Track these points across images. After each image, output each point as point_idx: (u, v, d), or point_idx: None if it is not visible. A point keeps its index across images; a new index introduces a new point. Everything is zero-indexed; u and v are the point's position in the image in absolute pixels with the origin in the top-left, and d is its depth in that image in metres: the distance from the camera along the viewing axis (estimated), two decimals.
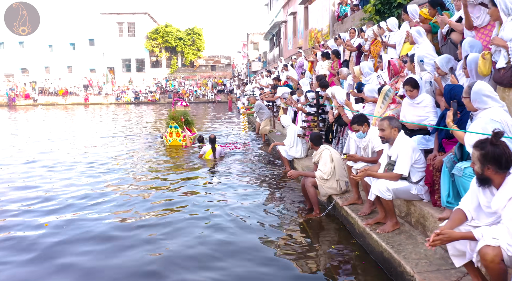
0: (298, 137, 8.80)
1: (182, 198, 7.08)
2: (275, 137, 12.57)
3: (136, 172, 9.22)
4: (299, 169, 8.33)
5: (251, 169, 9.39)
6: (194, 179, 8.45)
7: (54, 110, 37.02)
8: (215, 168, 9.53)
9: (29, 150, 12.53)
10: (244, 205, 6.54)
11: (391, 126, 4.43)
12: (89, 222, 5.85)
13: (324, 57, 10.52)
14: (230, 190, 7.50)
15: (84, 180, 8.40)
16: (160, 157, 11.24)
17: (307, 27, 22.84)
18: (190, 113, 14.85)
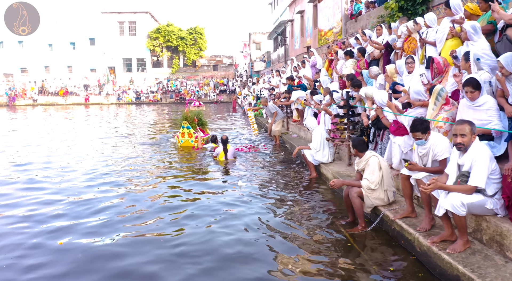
0: (326, 141, 8.26)
1: (201, 205, 6.55)
2: (291, 140, 12.02)
3: (150, 175, 8.67)
4: (328, 175, 7.78)
5: (270, 173, 8.86)
6: (211, 184, 7.89)
7: (56, 110, 36.38)
8: (230, 172, 8.98)
9: (41, 152, 11.94)
10: (271, 216, 5.99)
11: (472, 132, 3.88)
12: (107, 224, 5.33)
13: (347, 56, 9.98)
14: (252, 197, 6.94)
15: (97, 182, 7.86)
16: (174, 159, 10.71)
17: (316, 25, 22.31)
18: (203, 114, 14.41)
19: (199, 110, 14.49)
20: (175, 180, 8.32)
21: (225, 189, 7.58)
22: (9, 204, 6.80)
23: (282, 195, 7.16)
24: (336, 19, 18.50)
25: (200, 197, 7.09)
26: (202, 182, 8.17)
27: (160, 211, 6.31)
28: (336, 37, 18.46)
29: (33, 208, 6.57)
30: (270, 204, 6.62)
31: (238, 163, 9.91)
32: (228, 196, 7.15)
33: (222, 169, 9.32)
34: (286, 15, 31.14)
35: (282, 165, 9.77)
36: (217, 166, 9.69)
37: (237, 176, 8.50)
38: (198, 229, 5.55)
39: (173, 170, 9.35)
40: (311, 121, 8.44)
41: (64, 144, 13.57)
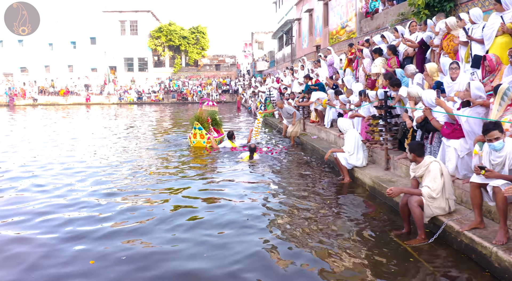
0: (360, 143, 7.83)
1: (234, 210, 6.12)
2: (313, 142, 11.57)
3: (177, 178, 8.23)
4: (365, 180, 7.34)
5: (298, 177, 8.44)
6: (242, 187, 7.45)
7: (57, 110, 35.84)
8: (258, 176, 8.53)
9: (62, 154, 11.47)
10: (312, 226, 5.55)
11: None
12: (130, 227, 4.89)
13: (376, 54, 9.54)
14: (286, 204, 6.49)
15: (120, 186, 7.40)
16: (195, 161, 10.30)
17: (326, 24, 21.88)
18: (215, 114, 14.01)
19: (212, 110, 14.19)
20: (202, 183, 7.91)
21: (257, 194, 7.14)
22: (31, 210, 6.35)
23: (318, 201, 6.72)
24: (350, 17, 18.06)
25: (231, 202, 6.66)
26: (232, 185, 7.74)
27: (194, 213, 5.88)
28: (350, 36, 18.04)
29: (62, 215, 6.12)
30: (306, 210, 6.18)
31: (263, 166, 9.48)
32: (261, 202, 6.71)
33: (249, 173, 8.87)
34: (292, 14, 30.69)
35: (307, 168, 9.35)
36: (244, 169, 9.24)
37: (264, 181, 8.07)
38: (239, 237, 5.11)
39: (195, 172, 8.91)
40: (344, 122, 8.00)
41: (79, 146, 13.11)
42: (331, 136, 11.03)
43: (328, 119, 11.73)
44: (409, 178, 6.75)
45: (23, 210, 6.45)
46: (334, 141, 10.70)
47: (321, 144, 11.00)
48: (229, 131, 12.85)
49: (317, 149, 10.64)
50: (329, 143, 11.05)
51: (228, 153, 11.30)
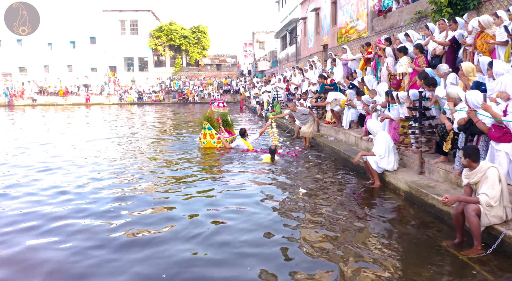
0: (391, 146, 7.51)
1: (262, 215, 5.80)
2: (331, 143, 11.24)
3: (201, 180, 7.90)
4: (399, 185, 7.03)
5: (324, 181, 8.13)
6: (269, 191, 7.12)
7: (61, 111, 35.39)
8: (282, 179, 8.20)
9: (67, 156, 11.11)
10: (360, 234, 5.24)
11: None
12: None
13: (401, 53, 9.23)
14: (319, 212, 6.16)
15: (136, 189, 7.07)
16: (213, 163, 9.99)
17: (334, 23, 21.57)
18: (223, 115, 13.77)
19: (222, 111, 14.00)
20: (225, 186, 7.57)
21: (285, 199, 6.83)
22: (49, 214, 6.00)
23: (350, 207, 6.41)
24: (360, 16, 17.76)
25: (256, 206, 6.33)
26: (257, 188, 7.40)
27: (217, 218, 5.55)
28: (361, 35, 17.74)
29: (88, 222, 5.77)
30: (340, 218, 5.85)
31: (285, 169, 9.18)
32: (289, 207, 6.38)
33: (273, 175, 8.55)
34: (296, 13, 30.37)
35: (331, 171, 9.04)
36: (268, 172, 8.92)
37: (290, 185, 7.75)
38: (264, 245, 4.79)
39: (214, 174, 8.58)
40: (374, 124, 7.67)
41: (90, 148, 12.74)
42: (351, 138, 10.71)
43: (346, 120, 11.41)
44: (448, 183, 6.47)
45: (39, 214, 6.12)
46: (355, 143, 10.38)
47: (341, 145, 10.68)
48: (241, 128, 12.66)
49: (337, 151, 10.32)
50: (349, 144, 10.73)
51: (244, 154, 11.01)
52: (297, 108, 12.93)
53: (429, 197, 6.10)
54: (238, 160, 10.26)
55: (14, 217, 6.13)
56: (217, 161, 10.48)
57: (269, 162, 9.83)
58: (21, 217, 6.10)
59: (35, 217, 6.08)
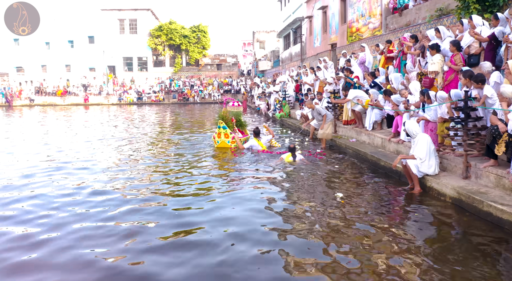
0: (431, 149, 7.04)
1: (296, 222, 5.32)
2: (354, 145, 10.75)
3: (228, 183, 7.41)
4: (445, 191, 6.55)
5: (356, 186, 7.66)
6: (303, 196, 6.63)
7: (69, 112, 34.73)
8: (313, 184, 7.71)
9: (80, 159, 10.57)
10: (417, 245, 4.76)
11: None
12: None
13: (434, 50, 8.76)
14: (362, 221, 5.69)
15: (157, 194, 6.57)
16: (232, 164, 9.50)
17: (344, 21, 21.13)
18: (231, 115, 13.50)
19: (236, 111, 13.81)
20: (251, 189, 7.08)
21: (324, 205, 6.34)
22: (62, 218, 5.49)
23: (392, 215, 5.95)
24: (374, 13, 17.32)
25: (287, 212, 5.85)
26: (285, 193, 6.92)
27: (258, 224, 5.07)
28: (374, 34, 17.29)
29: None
30: (387, 227, 5.38)
31: (310, 171, 8.71)
32: (327, 213, 5.90)
33: (299, 178, 8.06)
34: (301, 11, 29.91)
35: (360, 174, 8.57)
36: (293, 174, 8.45)
37: (322, 190, 7.26)
38: (299, 254, 4.31)
39: (236, 176, 8.08)
40: (414, 126, 7.19)
41: (102, 150, 12.21)
42: (377, 140, 10.23)
43: (370, 121, 10.93)
44: (500, 188, 6.01)
45: (54, 218, 5.60)
46: (382, 145, 9.91)
47: (366, 147, 10.19)
48: (255, 128, 12.36)
49: (363, 153, 9.83)
50: (374, 146, 10.25)
51: (263, 156, 10.58)
52: (316, 106, 12.42)
53: (484, 204, 5.63)
54: (258, 162, 9.81)
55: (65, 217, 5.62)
56: (236, 164, 9.99)
57: (290, 162, 9.51)
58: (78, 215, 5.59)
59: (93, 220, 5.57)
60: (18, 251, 4.84)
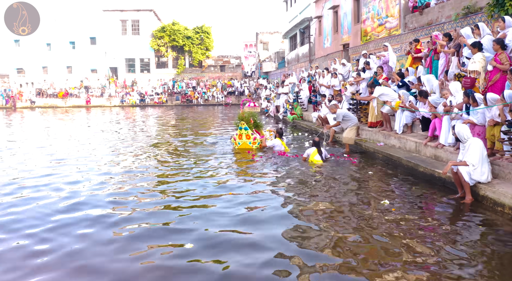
0: (484, 154, 6.50)
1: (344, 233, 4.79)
2: (386, 150, 10.19)
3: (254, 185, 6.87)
4: (503, 200, 6.00)
5: (401, 193, 7.14)
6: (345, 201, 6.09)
7: (56, 113, 34.12)
8: (354, 190, 7.16)
9: (98, 163, 10.00)
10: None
11: None
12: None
13: (475, 48, 8.22)
14: (404, 232, 5.14)
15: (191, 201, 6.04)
16: (257, 167, 8.97)
17: (357, 21, 20.61)
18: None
19: (253, 111, 13.76)
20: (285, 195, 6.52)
21: (371, 213, 5.80)
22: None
23: (452, 228, 5.39)
24: (391, 13, 16.80)
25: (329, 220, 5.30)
26: (323, 199, 6.37)
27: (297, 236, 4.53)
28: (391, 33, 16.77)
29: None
30: (447, 241, 4.84)
31: (343, 175, 8.19)
32: (376, 225, 5.35)
33: (337, 186, 7.51)
34: (309, 11, 29.40)
35: (396, 181, 8.03)
36: (325, 179, 7.90)
37: (365, 194, 6.71)
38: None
39: (265, 179, 7.53)
40: (465, 130, 6.64)
41: (123, 153, 11.65)
42: (410, 144, 9.67)
43: (400, 124, 10.38)
44: None
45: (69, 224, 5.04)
46: (416, 149, 9.35)
47: (398, 152, 9.64)
48: (279, 128, 12.39)
49: (396, 158, 9.28)
50: (406, 151, 9.69)
51: (286, 159, 10.16)
52: (338, 110, 11.92)
53: None
54: (285, 166, 9.34)
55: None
56: (264, 167, 9.44)
57: (318, 162, 9.52)
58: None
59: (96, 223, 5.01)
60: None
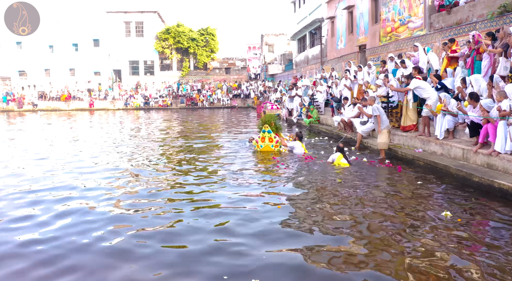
0: None
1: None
2: (427, 157, 9.42)
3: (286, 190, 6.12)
4: None
5: (453, 204, 6.33)
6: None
7: (59, 116, 33.34)
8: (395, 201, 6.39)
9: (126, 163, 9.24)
10: None
11: None
12: None
13: None
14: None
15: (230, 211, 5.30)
16: (285, 171, 8.22)
17: (375, 21, 19.88)
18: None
19: (274, 114, 13.69)
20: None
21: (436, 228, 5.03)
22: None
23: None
24: (415, 12, 16.06)
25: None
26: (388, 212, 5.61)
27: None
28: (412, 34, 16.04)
29: None
30: None
31: (396, 186, 7.40)
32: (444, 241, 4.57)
33: (385, 191, 6.73)
34: (320, 12, 28.68)
35: (448, 192, 7.25)
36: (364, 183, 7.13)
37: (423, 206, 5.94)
38: None
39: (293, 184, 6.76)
40: None
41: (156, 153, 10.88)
42: (455, 151, 8.88)
43: (442, 129, 9.61)
44: None
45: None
46: (464, 157, 8.57)
47: (443, 159, 8.86)
48: (299, 131, 12.51)
49: (442, 166, 8.48)
50: (452, 158, 8.91)
51: (312, 163, 9.55)
52: (374, 105, 10.98)
53: None
54: (315, 171, 8.66)
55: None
56: (287, 167, 8.68)
57: (343, 164, 9.45)
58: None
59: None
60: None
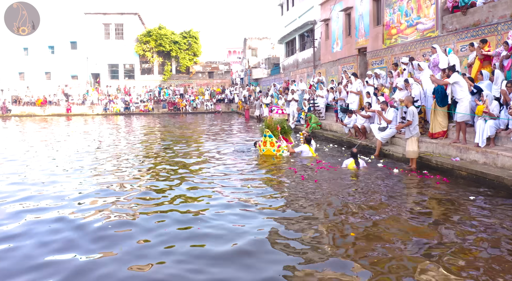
0: None
1: None
2: (471, 166, 8.66)
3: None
4: None
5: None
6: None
7: (34, 121, 31.51)
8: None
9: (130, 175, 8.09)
10: None
11: None
12: None
13: None
14: None
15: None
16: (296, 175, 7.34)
17: (377, 23, 19.26)
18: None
19: (282, 118, 13.40)
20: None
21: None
22: None
23: None
24: (425, 13, 15.46)
25: None
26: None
27: None
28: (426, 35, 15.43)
29: None
30: None
31: (449, 201, 6.59)
32: None
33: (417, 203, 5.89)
34: (312, 15, 27.99)
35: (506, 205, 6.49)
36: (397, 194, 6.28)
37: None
38: None
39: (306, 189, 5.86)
40: None
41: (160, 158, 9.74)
42: (503, 159, 8.15)
43: (482, 136, 8.87)
44: None
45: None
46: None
47: (492, 170, 8.11)
48: (308, 135, 12.62)
49: (493, 177, 7.74)
50: (498, 168, 8.17)
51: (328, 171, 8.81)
52: (412, 107, 10.07)
53: None
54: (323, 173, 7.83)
55: None
56: (301, 172, 7.78)
57: (355, 169, 9.56)
58: None
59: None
60: None
